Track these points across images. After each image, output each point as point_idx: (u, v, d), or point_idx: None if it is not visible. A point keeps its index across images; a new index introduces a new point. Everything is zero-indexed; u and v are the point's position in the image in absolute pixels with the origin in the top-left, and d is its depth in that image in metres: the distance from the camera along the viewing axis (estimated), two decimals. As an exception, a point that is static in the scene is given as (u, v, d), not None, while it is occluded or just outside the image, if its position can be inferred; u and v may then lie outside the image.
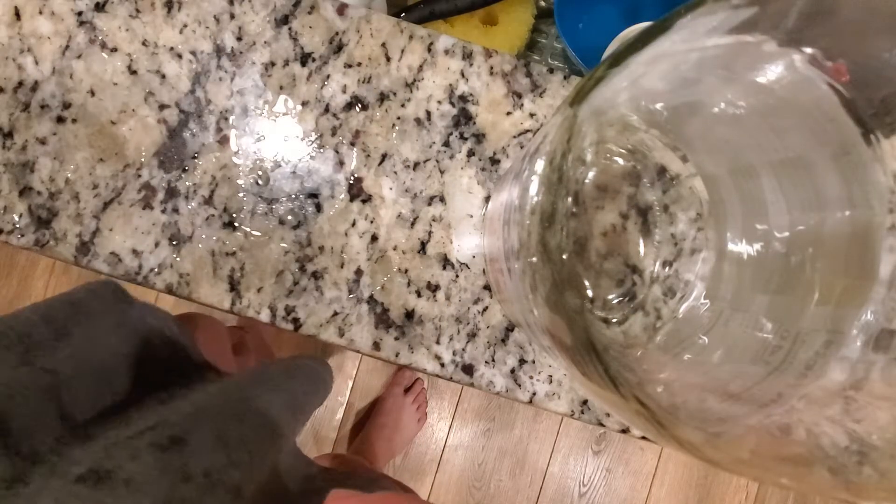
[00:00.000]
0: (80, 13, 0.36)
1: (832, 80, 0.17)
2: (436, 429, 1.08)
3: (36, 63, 0.36)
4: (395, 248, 0.36)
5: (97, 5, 0.36)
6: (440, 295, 0.36)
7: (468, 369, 0.36)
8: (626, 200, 0.22)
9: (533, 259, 0.17)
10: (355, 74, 0.36)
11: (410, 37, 0.36)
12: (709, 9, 0.14)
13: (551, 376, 0.36)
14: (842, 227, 0.18)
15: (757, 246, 0.20)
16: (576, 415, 0.36)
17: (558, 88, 0.36)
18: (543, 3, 0.54)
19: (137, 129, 0.36)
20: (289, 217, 0.36)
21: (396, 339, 0.36)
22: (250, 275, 0.36)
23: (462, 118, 0.36)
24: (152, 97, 0.36)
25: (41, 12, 0.36)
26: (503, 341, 0.36)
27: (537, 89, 0.36)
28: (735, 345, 0.19)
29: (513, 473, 1.08)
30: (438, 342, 0.36)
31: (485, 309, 0.36)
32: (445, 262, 0.36)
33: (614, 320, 0.21)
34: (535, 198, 0.17)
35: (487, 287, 0.36)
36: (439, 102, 0.36)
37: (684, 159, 0.21)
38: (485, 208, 0.36)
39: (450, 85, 0.36)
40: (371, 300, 0.36)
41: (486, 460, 1.08)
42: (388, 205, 0.36)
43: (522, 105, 0.36)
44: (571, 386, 0.36)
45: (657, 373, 0.20)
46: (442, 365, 0.36)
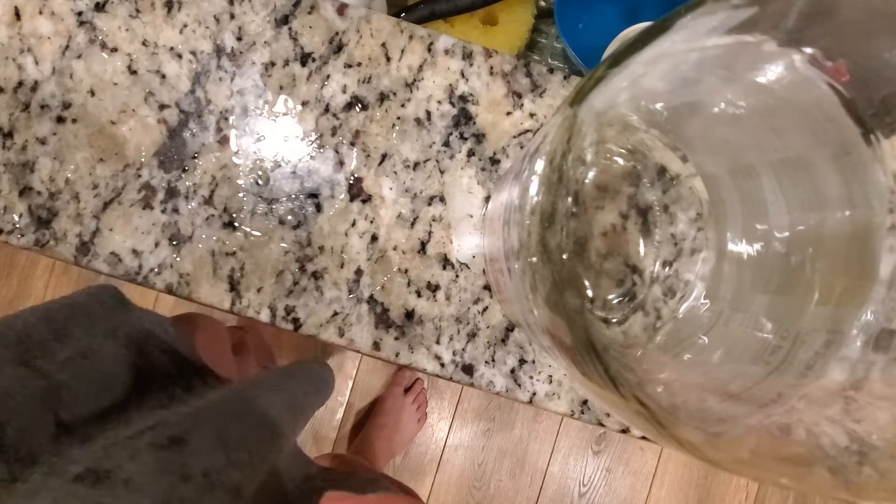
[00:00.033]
0: (80, 13, 0.36)
1: (832, 80, 0.17)
2: (436, 429, 1.08)
3: (36, 63, 0.36)
4: (395, 248, 0.36)
5: (97, 5, 0.36)
6: (440, 295, 0.36)
7: (468, 369, 0.36)
8: (626, 200, 0.22)
9: (533, 259, 0.17)
10: (355, 74, 0.36)
11: (410, 37, 0.36)
12: (709, 9, 0.14)
13: (551, 376, 0.36)
14: (842, 227, 0.18)
15: (757, 246, 0.20)
16: (576, 415, 0.36)
17: (558, 88, 0.36)
18: (543, 3, 0.54)
19: (137, 129, 0.36)
20: (289, 217, 0.36)
21: (396, 339, 0.36)
22: (250, 275, 0.36)
23: (462, 118, 0.36)
24: (152, 97, 0.36)
25: (41, 12, 0.36)
26: (503, 341, 0.36)
27: (537, 89, 0.36)
28: (735, 345, 0.19)
29: (513, 473, 1.08)
30: (438, 342, 0.36)
31: (485, 309, 0.36)
32: (445, 262, 0.36)
33: (614, 320, 0.21)
34: (535, 198, 0.17)
35: (487, 287, 0.36)
36: (439, 102, 0.36)
37: (684, 159, 0.21)
38: (485, 208, 0.36)
39: (450, 85, 0.36)
40: (371, 300, 0.36)
41: (486, 460, 1.08)
42: (388, 205, 0.36)
43: (522, 105, 0.36)
44: (571, 386, 0.36)
45: (657, 373, 0.20)
46: (442, 365, 0.36)
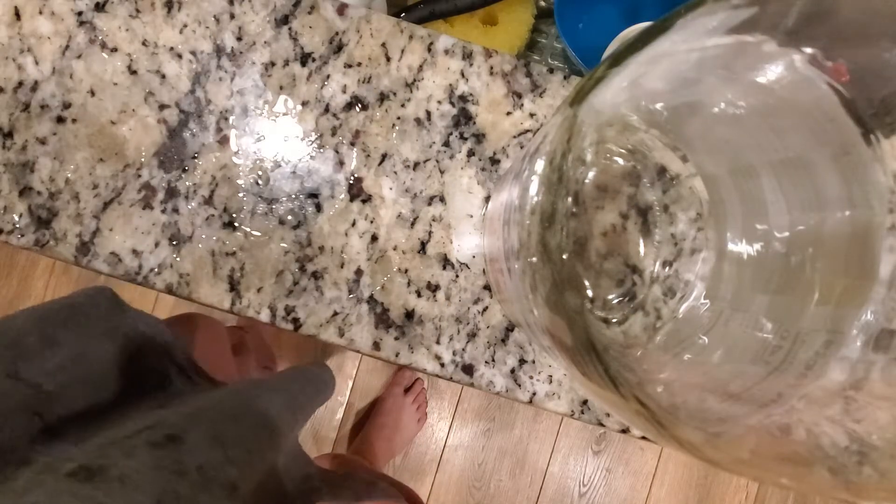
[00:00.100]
0: (80, 13, 0.36)
1: (832, 80, 0.17)
2: (436, 429, 1.08)
3: (36, 63, 0.36)
4: (395, 248, 0.36)
5: (97, 5, 0.36)
6: (440, 295, 0.36)
7: (468, 369, 0.36)
8: (626, 200, 0.22)
9: (533, 259, 0.17)
10: (355, 74, 0.36)
11: (410, 37, 0.36)
12: (709, 9, 0.14)
13: (551, 376, 0.36)
14: (842, 227, 0.18)
15: (757, 246, 0.20)
16: (576, 415, 0.36)
17: (558, 88, 0.36)
18: (543, 3, 0.54)
19: (137, 129, 0.36)
20: (289, 217, 0.36)
21: (396, 339, 0.36)
22: (250, 275, 0.36)
23: (462, 118, 0.36)
24: (152, 97, 0.36)
25: (41, 12, 0.36)
26: (503, 341, 0.36)
27: (537, 89, 0.36)
28: (735, 345, 0.19)
29: (513, 473, 1.08)
30: (438, 342, 0.36)
31: (485, 309, 0.36)
32: (445, 262, 0.36)
33: (614, 320, 0.21)
34: (535, 198, 0.17)
35: (487, 287, 0.36)
36: (439, 102, 0.36)
37: (684, 159, 0.21)
38: (485, 208, 0.36)
39: (450, 85, 0.36)
40: (371, 300, 0.36)
41: (486, 460, 1.08)
42: (388, 205, 0.36)
43: (522, 105, 0.36)
44: (571, 386, 0.36)
45: (657, 373, 0.20)
46: (442, 365, 0.36)
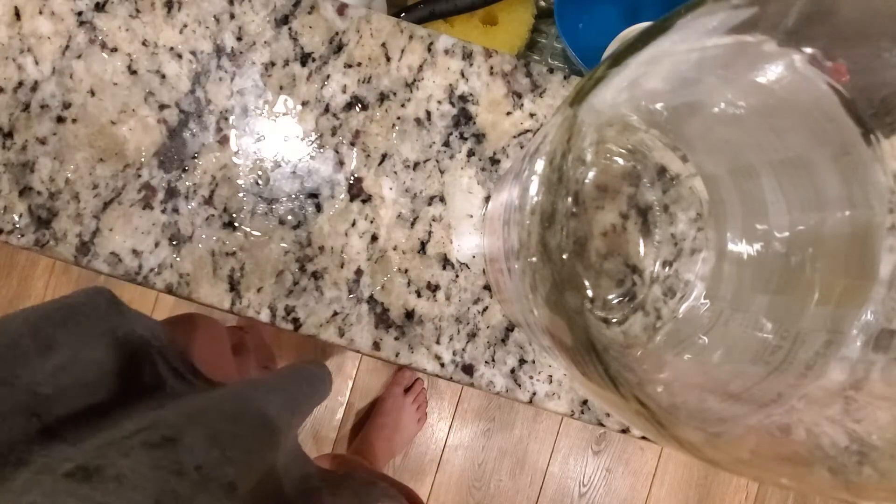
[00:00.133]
0: (80, 13, 0.36)
1: (832, 80, 0.17)
2: (436, 429, 1.08)
3: (36, 63, 0.36)
4: (395, 248, 0.36)
5: (97, 5, 0.36)
6: (440, 295, 0.36)
7: (468, 369, 0.36)
8: (626, 200, 0.22)
9: (533, 259, 0.17)
10: (355, 74, 0.36)
11: (410, 37, 0.36)
12: (709, 9, 0.14)
13: (551, 376, 0.36)
14: (842, 227, 0.18)
15: (757, 246, 0.20)
16: (576, 415, 0.36)
17: (558, 88, 0.36)
18: (543, 3, 0.54)
19: (137, 129, 0.36)
20: (289, 217, 0.36)
21: (396, 339, 0.36)
22: (250, 275, 0.36)
23: (462, 118, 0.36)
24: (152, 97, 0.36)
25: (41, 12, 0.36)
26: (503, 341, 0.36)
27: (537, 89, 0.36)
28: (735, 345, 0.19)
29: (513, 473, 1.08)
30: (438, 342, 0.36)
31: (485, 309, 0.36)
32: (445, 262, 0.36)
33: (614, 320, 0.21)
34: (535, 198, 0.17)
35: (487, 287, 0.36)
36: (439, 102, 0.36)
37: (684, 159, 0.21)
38: (485, 208, 0.36)
39: (450, 85, 0.36)
40: (371, 300, 0.36)
41: (486, 460, 1.08)
42: (388, 205, 0.36)
43: (522, 105, 0.36)
44: (571, 386, 0.36)
45: (657, 373, 0.20)
46: (442, 365, 0.36)
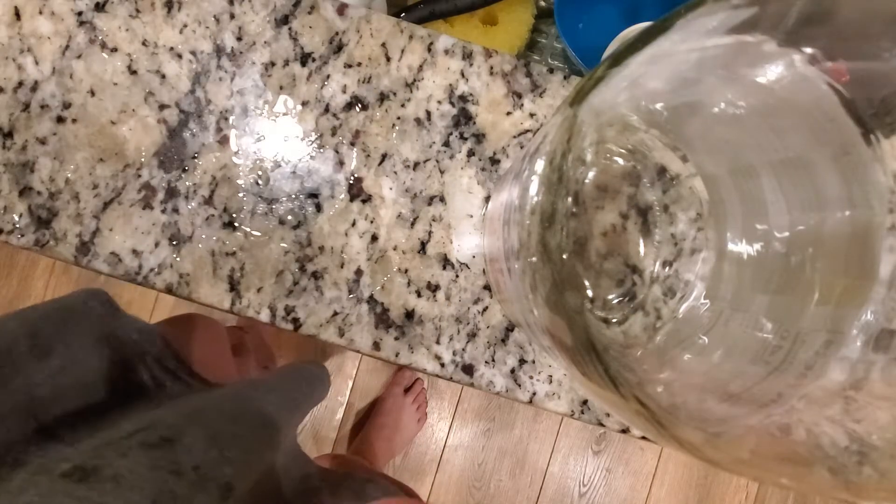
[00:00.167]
0: (80, 13, 0.36)
1: (832, 80, 0.17)
2: (436, 429, 1.08)
3: (36, 63, 0.36)
4: (395, 248, 0.36)
5: (97, 5, 0.36)
6: (440, 295, 0.36)
7: (468, 369, 0.36)
8: (626, 200, 0.22)
9: (533, 259, 0.17)
10: (355, 74, 0.36)
11: (410, 37, 0.36)
12: (709, 9, 0.14)
13: (551, 376, 0.36)
14: (842, 227, 0.18)
15: (757, 246, 0.20)
16: (576, 415, 0.36)
17: (558, 88, 0.36)
18: (543, 3, 0.54)
19: (137, 129, 0.36)
20: (289, 217, 0.36)
21: (396, 339, 0.36)
22: (250, 275, 0.36)
23: (462, 118, 0.36)
24: (152, 97, 0.36)
25: (41, 12, 0.36)
26: (503, 341, 0.36)
27: (537, 89, 0.36)
28: (735, 345, 0.19)
29: (513, 473, 1.08)
30: (438, 342, 0.36)
31: (485, 309, 0.36)
32: (445, 262, 0.36)
33: (614, 320, 0.21)
34: (535, 198, 0.17)
35: (487, 287, 0.36)
36: (439, 102, 0.36)
37: (684, 159, 0.21)
38: (485, 208, 0.36)
39: (450, 85, 0.36)
40: (371, 300, 0.36)
41: (486, 460, 1.08)
42: (388, 205, 0.36)
43: (522, 105, 0.36)
44: (571, 386, 0.36)
45: (657, 373, 0.20)
46: (442, 365, 0.36)
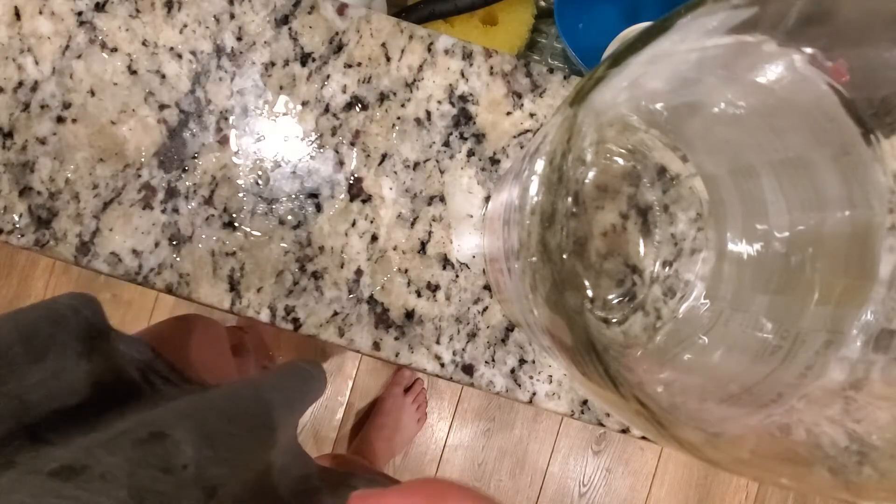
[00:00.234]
0: (80, 13, 0.36)
1: (832, 80, 0.17)
2: (436, 429, 1.08)
3: (36, 63, 0.36)
4: (395, 248, 0.36)
5: (97, 5, 0.36)
6: (440, 295, 0.36)
7: (468, 369, 0.36)
8: (626, 200, 0.22)
9: (533, 259, 0.17)
10: (355, 74, 0.36)
11: (410, 37, 0.36)
12: (709, 9, 0.14)
13: (551, 376, 0.36)
14: (842, 227, 0.18)
15: (757, 246, 0.20)
16: (576, 415, 0.36)
17: (558, 88, 0.36)
18: (543, 3, 0.54)
19: (137, 129, 0.36)
20: (289, 217, 0.36)
21: (396, 339, 0.36)
22: (250, 275, 0.36)
23: (462, 118, 0.36)
24: (152, 97, 0.36)
25: (41, 12, 0.36)
26: (503, 341, 0.36)
27: (537, 89, 0.36)
28: (735, 345, 0.19)
29: (513, 473, 1.08)
30: (438, 342, 0.36)
31: (485, 309, 0.36)
32: (445, 262, 0.36)
33: (614, 320, 0.21)
34: (535, 198, 0.17)
35: (487, 287, 0.36)
36: (439, 102, 0.36)
37: (684, 159, 0.21)
38: (485, 208, 0.36)
39: (450, 85, 0.36)
40: (371, 300, 0.36)
41: (486, 460, 1.08)
42: (388, 205, 0.36)
43: (522, 105, 0.36)
44: (571, 386, 0.36)
45: (657, 373, 0.20)
46: (442, 365, 0.36)
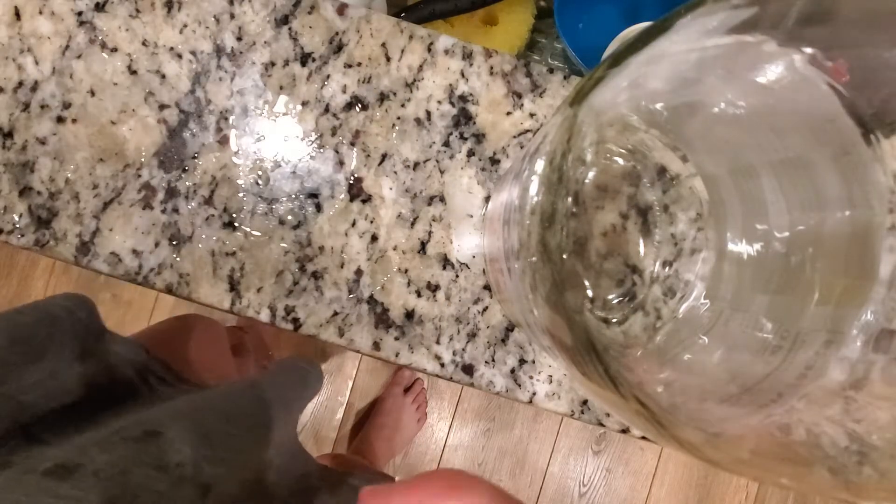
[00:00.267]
0: (80, 13, 0.36)
1: (832, 80, 0.17)
2: (436, 429, 1.08)
3: (36, 63, 0.36)
4: (395, 248, 0.36)
5: (97, 5, 0.36)
6: (440, 295, 0.36)
7: (468, 369, 0.36)
8: (626, 200, 0.22)
9: (533, 259, 0.17)
10: (355, 74, 0.36)
11: (410, 37, 0.36)
12: (709, 9, 0.14)
13: (551, 376, 0.36)
14: (842, 227, 0.18)
15: (757, 246, 0.20)
16: (576, 415, 0.36)
17: (558, 88, 0.36)
18: (543, 3, 0.54)
19: (137, 129, 0.36)
20: (289, 217, 0.36)
21: (396, 339, 0.36)
22: (250, 275, 0.36)
23: (462, 118, 0.36)
24: (152, 97, 0.36)
25: (41, 12, 0.36)
26: (503, 341, 0.36)
27: (537, 89, 0.36)
28: (735, 345, 0.19)
29: (513, 473, 1.08)
30: (438, 342, 0.36)
31: (485, 309, 0.36)
32: (445, 262, 0.36)
33: (614, 320, 0.21)
34: (535, 198, 0.17)
35: (487, 287, 0.36)
36: (439, 102, 0.36)
37: (684, 159, 0.21)
38: (485, 208, 0.36)
39: (450, 85, 0.36)
40: (371, 300, 0.36)
41: (486, 460, 1.08)
42: (388, 205, 0.36)
43: (522, 105, 0.36)
44: (571, 386, 0.36)
45: (657, 373, 0.20)
46: (442, 365, 0.36)
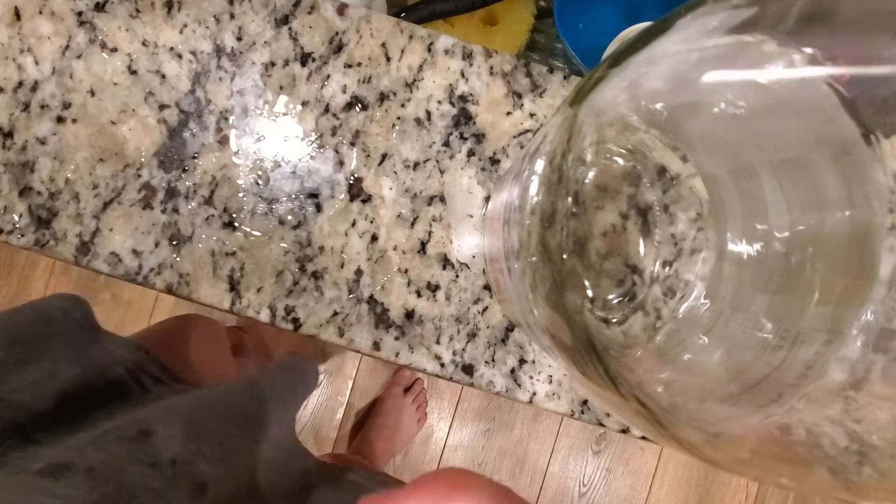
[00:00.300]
0: (80, 13, 0.36)
1: (832, 80, 0.17)
2: (436, 429, 1.08)
3: (36, 63, 0.36)
4: (395, 248, 0.36)
5: (97, 5, 0.36)
6: (440, 295, 0.36)
7: (468, 369, 0.36)
8: (626, 200, 0.22)
9: (533, 259, 0.17)
10: (355, 74, 0.36)
11: (410, 37, 0.36)
12: (709, 9, 0.14)
13: (551, 376, 0.36)
14: (842, 227, 0.18)
15: (757, 246, 0.20)
16: (576, 415, 0.36)
17: (558, 88, 0.36)
18: (543, 3, 0.54)
19: (137, 129, 0.36)
20: (289, 217, 0.36)
21: (396, 339, 0.36)
22: (250, 275, 0.36)
23: (462, 118, 0.36)
24: (152, 97, 0.36)
25: (41, 12, 0.36)
26: (503, 341, 0.36)
27: (537, 89, 0.36)
28: (735, 345, 0.19)
29: (513, 473, 1.08)
30: (438, 342, 0.36)
31: (485, 309, 0.36)
32: (445, 262, 0.36)
33: (614, 320, 0.21)
34: (535, 198, 0.17)
35: (487, 287, 0.36)
36: (439, 102, 0.36)
37: (684, 159, 0.21)
38: (485, 208, 0.36)
39: (450, 85, 0.36)
40: (371, 300, 0.36)
41: (486, 460, 1.08)
42: (388, 205, 0.36)
43: (522, 105, 0.36)
44: (571, 386, 0.36)
45: (657, 373, 0.20)
46: (442, 365, 0.36)
